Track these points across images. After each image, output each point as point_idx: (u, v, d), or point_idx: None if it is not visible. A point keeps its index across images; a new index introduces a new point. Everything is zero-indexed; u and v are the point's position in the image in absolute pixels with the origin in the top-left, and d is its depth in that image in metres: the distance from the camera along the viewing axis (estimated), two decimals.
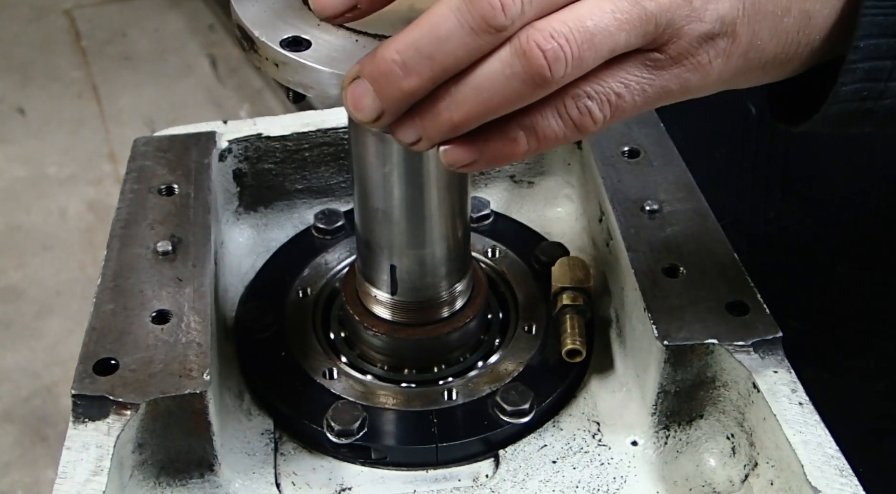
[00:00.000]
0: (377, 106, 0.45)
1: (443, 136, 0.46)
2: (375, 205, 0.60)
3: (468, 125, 0.45)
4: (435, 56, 0.43)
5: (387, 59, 0.44)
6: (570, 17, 0.42)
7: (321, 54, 0.49)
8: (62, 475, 0.53)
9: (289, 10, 0.52)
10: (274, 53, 0.49)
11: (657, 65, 0.45)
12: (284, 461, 0.64)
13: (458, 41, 0.43)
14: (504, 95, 0.44)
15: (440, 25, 0.43)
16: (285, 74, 0.50)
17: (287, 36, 0.50)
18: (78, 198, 2.81)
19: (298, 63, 0.49)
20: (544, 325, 0.69)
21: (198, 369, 0.57)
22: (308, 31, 0.50)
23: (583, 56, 0.43)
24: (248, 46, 0.51)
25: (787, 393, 0.57)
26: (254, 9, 0.52)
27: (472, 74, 0.44)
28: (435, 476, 0.63)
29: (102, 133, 2.98)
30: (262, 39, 0.50)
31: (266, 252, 0.77)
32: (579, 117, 0.45)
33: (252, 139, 0.77)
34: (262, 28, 0.50)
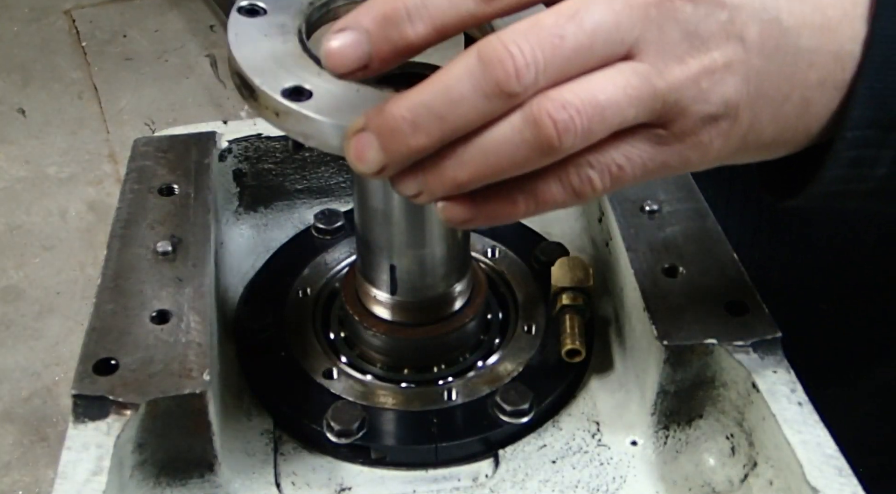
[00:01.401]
0: (381, 159, 0.45)
1: (444, 193, 0.46)
2: (375, 205, 0.60)
3: (471, 185, 0.45)
4: (446, 117, 0.43)
5: (396, 115, 0.44)
6: (582, 89, 0.43)
7: (323, 104, 0.48)
8: (62, 475, 0.53)
9: (288, 58, 0.51)
10: (274, 103, 0.48)
11: (660, 141, 0.45)
12: (284, 461, 0.64)
13: (471, 104, 0.43)
14: (511, 159, 0.44)
15: (453, 87, 0.43)
16: (286, 124, 0.49)
17: (288, 85, 0.49)
18: (78, 198, 2.81)
19: (300, 113, 0.48)
20: (544, 325, 0.69)
21: (198, 369, 0.57)
22: (308, 80, 0.49)
23: (592, 128, 0.43)
24: (248, 94, 0.50)
25: (787, 393, 0.57)
26: (253, 55, 0.51)
27: (481, 136, 0.44)
28: (434, 476, 0.63)
29: (102, 133, 2.98)
30: (262, 88, 0.49)
31: (266, 252, 0.77)
32: (580, 185, 0.45)
33: (252, 139, 0.77)
34: (262, 76, 0.49)
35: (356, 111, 0.46)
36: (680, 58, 0.44)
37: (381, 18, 0.45)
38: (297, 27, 0.53)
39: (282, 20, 0.53)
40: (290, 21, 0.54)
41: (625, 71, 0.43)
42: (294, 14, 0.54)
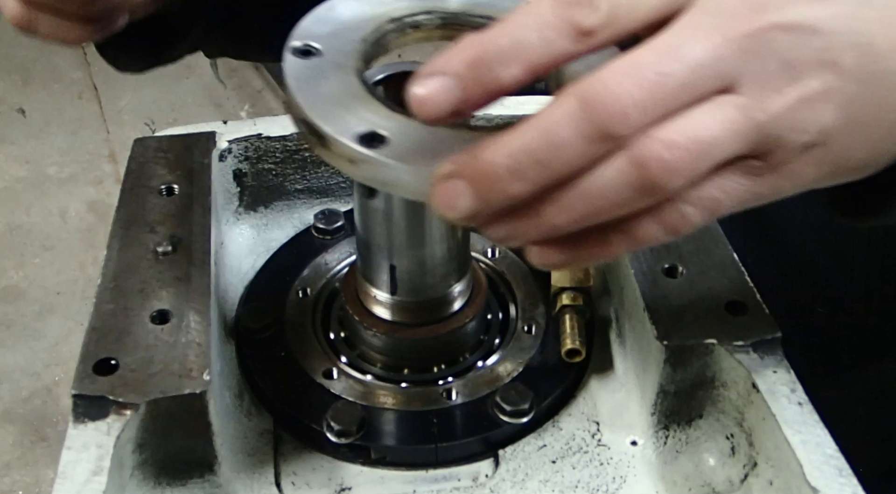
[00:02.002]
0: (473, 207, 0.43)
1: (539, 237, 0.45)
2: (375, 205, 0.60)
3: (568, 229, 0.44)
4: (548, 163, 0.42)
5: (494, 162, 0.42)
6: (685, 128, 0.42)
7: (401, 150, 0.46)
8: (62, 475, 0.53)
9: (354, 100, 0.49)
10: (350, 151, 0.46)
11: (756, 172, 0.45)
12: (284, 461, 0.64)
13: (574, 149, 0.41)
14: (613, 202, 0.43)
15: (555, 132, 0.41)
16: (362, 172, 0.46)
17: (361, 131, 0.46)
18: (78, 198, 2.81)
19: (379, 161, 0.45)
20: (544, 325, 0.69)
21: (198, 369, 0.57)
22: (380, 124, 0.47)
23: (697, 167, 0.42)
24: (316, 142, 0.47)
25: (787, 393, 0.57)
26: (317, 100, 0.48)
27: (583, 180, 0.42)
28: (434, 476, 0.63)
29: (102, 133, 2.98)
30: (335, 136, 0.46)
31: (266, 252, 0.77)
32: (678, 222, 0.44)
33: (252, 139, 0.77)
34: (332, 122, 0.47)
35: (437, 155, 0.44)
36: (777, 88, 0.43)
37: (472, 61, 0.43)
38: (355, 67, 0.51)
39: (338, 60, 0.51)
40: (346, 60, 0.51)
41: (724, 105, 0.42)
42: (349, 53, 0.52)
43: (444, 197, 0.43)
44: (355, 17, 0.54)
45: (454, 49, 0.44)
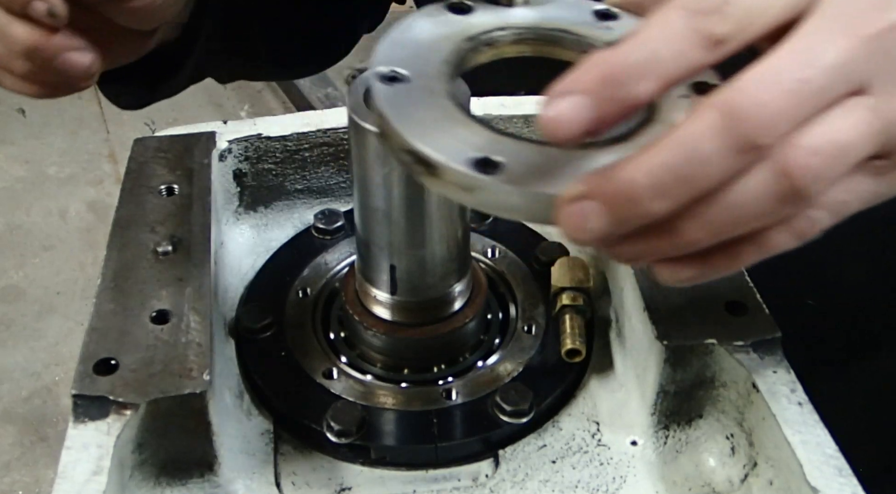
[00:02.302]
0: (607, 228, 0.42)
1: (675, 254, 0.44)
2: (375, 205, 0.60)
3: (706, 244, 0.44)
4: (693, 179, 0.41)
5: (632, 180, 0.41)
6: (824, 132, 0.41)
7: (517, 174, 0.44)
8: (62, 475, 0.53)
9: (457, 126, 0.47)
10: (466, 179, 0.44)
11: (880, 171, 0.44)
12: (284, 461, 0.64)
13: (718, 162, 0.40)
14: (755, 213, 0.42)
15: (697, 147, 0.40)
16: (479, 199, 0.45)
17: (474, 157, 0.45)
18: (78, 198, 2.81)
19: (499, 187, 0.44)
20: (544, 325, 0.69)
21: (198, 369, 0.57)
22: (490, 148, 0.46)
23: (836, 172, 0.42)
24: (424, 171, 0.46)
25: (787, 393, 0.57)
26: (416, 126, 0.47)
27: (725, 193, 0.42)
28: (435, 476, 0.63)
29: (102, 133, 2.98)
30: (448, 164, 0.44)
31: (266, 252, 0.77)
32: (808, 228, 0.44)
33: (252, 139, 0.77)
34: (442, 150, 0.45)
35: (556, 177, 0.44)
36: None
37: (605, 79, 0.42)
38: (446, 90, 0.49)
39: (428, 84, 0.50)
40: (436, 84, 0.50)
41: (857, 107, 0.42)
42: (436, 76, 0.50)
43: (575, 219, 0.42)
44: (431, 38, 0.53)
45: (583, 67, 0.43)
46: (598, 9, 0.56)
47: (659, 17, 0.43)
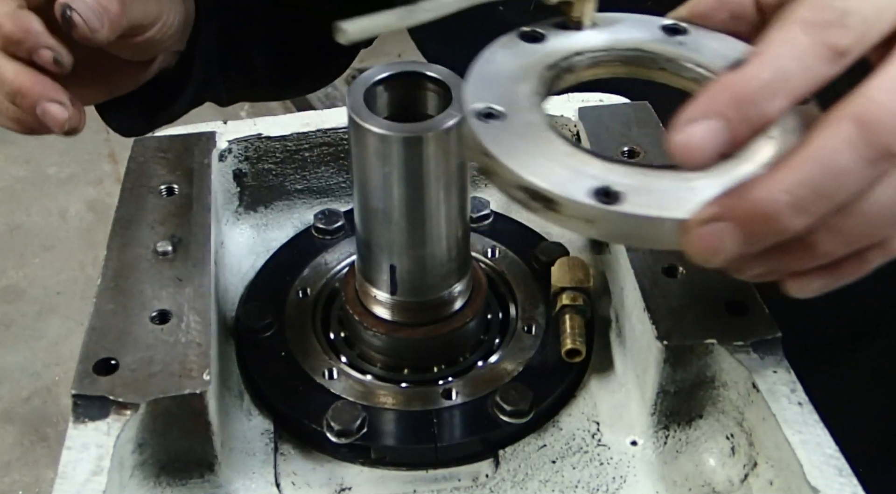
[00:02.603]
0: (739, 247, 0.43)
1: (808, 267, 0.44)
2: (375, 205, 0.60)
3: (840, 255, 0.44)
4: (831, 193, 0.41)
5: (771, 199, 0.41)
6: None
7: (637, 201, 0.45)
8: (62, 475, 0.53)
9: (566, 158, 0.47)
10: (587, 210, 0.45)
11: None
12: (284, 461, 0.64)
13: (856, 174, 0.41)
14: (890, 221, 0.43)
15: (835, 159, 0.41)
16: (602, 230, 0.45)
17: (594, 187, 0.45)
18: (78, 198, 2.82)
19: (621, 216, 0.44)
20: (544, 325, 0.69)
21: (198, 369, 0.57)
22: (603, 177, 0.46)
23: None
24: (543, 206, 0.46)
25: (787, 393, 0.57)
26: (526, 162, 0.47)
27: (859, 204, 0.42)
28: (435, 476, 0.63)
29: (102, 133, 2.97)
30: (569, 198, 0.45)
31: (266, 252, 0.77)
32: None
33: (252, 139, 0.77)
34: (557, 184, 0.45)
35: (675, 201, 0.44)
36: None
37: (736, 101, 0.42)
38: (545, 122, 0.50)
39: (525, 118, 0.50)
40: (532, 116, 0.50)
41: None
42: (530, 108, 0.51)
43: (707, 241, 0.43)
44: (514, 70, 0.53)
45: (712, 92, 0.43)
46: (666, 24, 0.57)
47: (781, 33, 0.43)
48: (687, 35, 0.56)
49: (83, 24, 0.67)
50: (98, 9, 0.69)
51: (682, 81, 0.56)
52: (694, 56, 0.55)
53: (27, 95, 0.67)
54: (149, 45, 0.77)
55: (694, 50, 0.55)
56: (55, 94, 0.68)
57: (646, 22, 0.57)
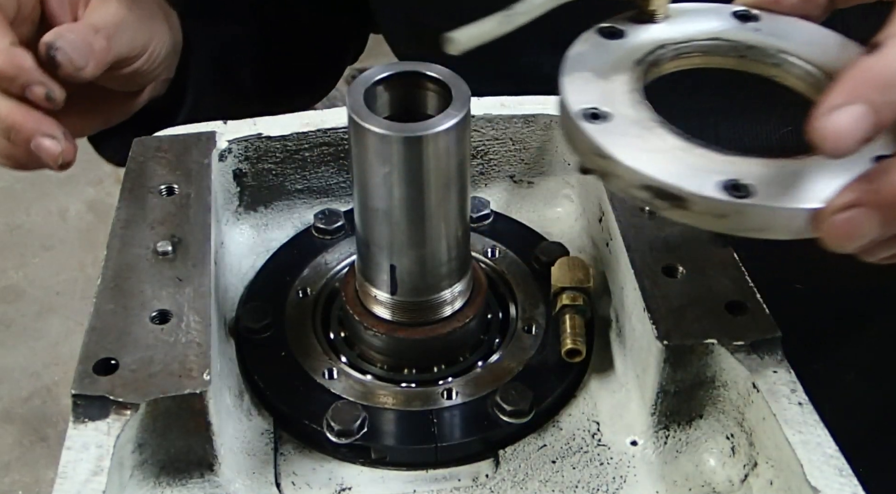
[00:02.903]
0: (877, 232, 0.43)
1: None
2: (375, 205, 0.60)
3: None
4: None
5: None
6: None
7: (768, 192, 0.45)
8: (62, 475, 0.53)
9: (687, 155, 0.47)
10: (719, 205, 0.45)
11: None
12: (284, 461, 0.64)
13: None
14: None
15: None
16: (734, 224, 0.45)
17: (723, 181, 0.45)
18: (78, 198, 2.82)
19: (753, 209, 0.45)
20: (544, 325, 0.69)
21: (198, 369, 0.57)
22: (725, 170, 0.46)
23: None
24: (670, 205, 0.46)
25: (787, 393, 0.57)
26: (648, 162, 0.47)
27: None
28: (435, 476, 0.63)
29: None
30: (699, 194, 0.45)
31: (266, 252, 0.77)
32: None
33: (252, 139, 0.77)
34: (686, 180, 0.45)
35: (804, 190, 0.45)
36: None
37: (882, 84, 0.43)
38: (652, 119, 0.50)
39: (632, 116, 0.50)
40: (639, 114, 0.50)
41: None
42: (632, 105, 0.51)
43: (845, 229, 0.43)
44: (605, 68, 0.53)
45: (853, 78, 0.43)
46: (737, 10, 0.57)
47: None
48: (760, 21, 0.56)
49: (68, 62, 0.68)
50: (82, 46, 0.69)
51: (764, 68, 0.56)
52: (773, 41, 0.55)
53: (21, 131, 0.68)
54: (138, 76, 0.77)
55: (771, 35, 0.55)
56: (49, 128, 0.69)
57: (717, 10, 0.57)
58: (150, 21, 0.79)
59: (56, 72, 0.69)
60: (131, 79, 0.77)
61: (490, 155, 0.80)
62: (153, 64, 0.78)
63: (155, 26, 0.80)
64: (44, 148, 0.68)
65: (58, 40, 0.68)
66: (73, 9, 0.74)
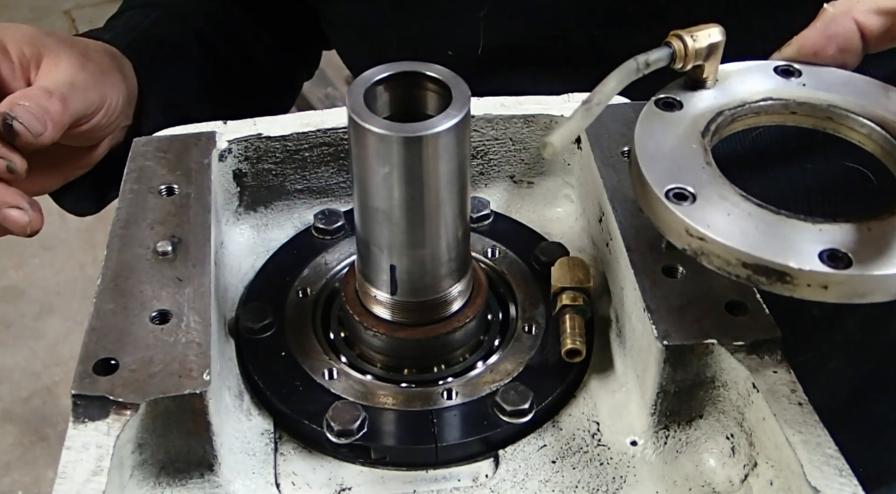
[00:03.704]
0: None
1: None
2: (375, 205, 0.60)
3: None
4: None
5: None
6: None
7: (865, 259, 0.46)
8: (62, 475, 0.53)
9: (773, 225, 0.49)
10: (823, 278, 0.46)
11: None
12: (284, 461, 0.64)
13: None
14: None
15: None
16: (839, 293, 0.47)
17: (823, 251, 0.47)
18: None
19: (856, 278, 0.46)
20: (544, 325, 0.69)
21: (198, 369, 0.57)
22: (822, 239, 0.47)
23: None
24: (772, 281, 0.48)
25: (787, 393, 0.57)
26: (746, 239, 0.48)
27: None
28: (435, 476, 0.63)
29: None
30: (805, 269, 0.46)
31: (266, 252, 0.77)
32: None
33: (252, 139, 0.77)
34: (789, 256, 0.47)
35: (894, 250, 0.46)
36: None
37: None
38: (737, 193, 0.51)
39: (717, 192, 0.51)
40: (723, 190, 0.52)
41: None
42: (712, 181, 0.52)
43: None
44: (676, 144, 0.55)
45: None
46: (779, 66, 0.59)
47: None
48: (802, 76, 0.58)
49: (26, 131, 0.68)
50: (38, 112, 0.70)
51: (817, 121, 0.58)
52: (822, 96, 0.58)
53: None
54: (96, 131, 0.78)
55: (818, 89, 0.58)
56: (14, 199, 0.69)
57: (761, 68, 0.59)
58: (103, 76, 0.79)
59: (14, 141, 0.69)
60: (90, 134, 0.78)
61: (490, 155, 0.80)
62: (111, 117, 0.79)
63: (109, 80, 0.80)
64: (11, 219, 0.69)
65: (13, 109, 0.69)
66: (25, 74, 0.75)
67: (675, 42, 0.55)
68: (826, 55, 0.58)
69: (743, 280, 0.49)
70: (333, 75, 2.93)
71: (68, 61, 0.75)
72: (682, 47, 0.55)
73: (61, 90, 0.73)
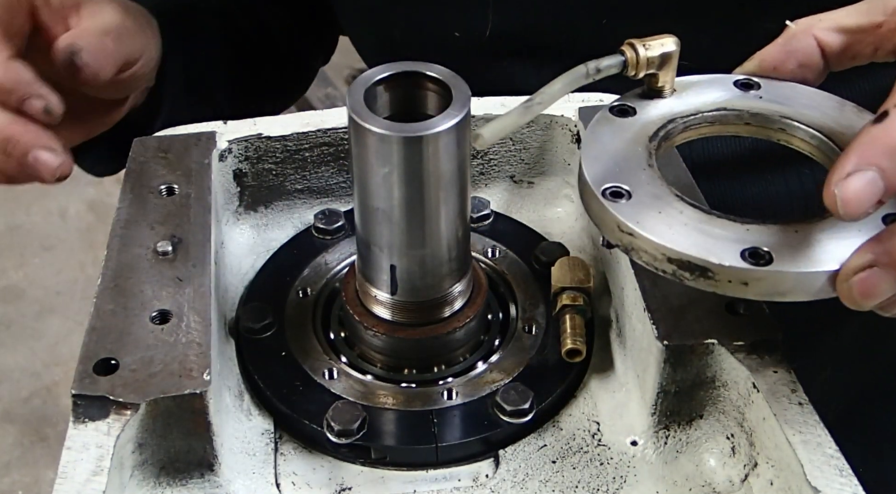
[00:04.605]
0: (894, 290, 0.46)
1: None
2: (375, 205, 0.60)
3: None
4: None
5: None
6: None
7: (786, 257, 0.48)
8: (62, 475, 0.53)
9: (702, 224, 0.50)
10: (743, 274, 0.48)
11: None
12: (284, 461, 0.64)
13: None
14: None
15: None
16: (758, 290, 0.48)
17: (745, 250, 0.48)
18: (78, 198, 2.82)
19: (775, 275, 0.47)
20: (544, 325, 0.69)
21: (198, 369, 0.57)
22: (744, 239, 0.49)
23: None
24: (696, 276, 0.49)
25: (787, 393, 0.57)
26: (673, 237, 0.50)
27: None
28: (435, 476, 0.63)
29: None
30: (724, 264, 0.48)
31: (266, 252, 0.77)
32: None
33: (252, 139, 0.77)
34: (710, 252, 0.48)
35: (819, 253, 0.47)
36: None
37: (892, 151, 0.46)
38: (672, 193, 0.53)
39: (650, 192, 0.53)
40: (658, 190, 0.53)
41: None
42: (650, 182, 0.53)
43: (863, 288, 0.46)
44: (621, 147, 0.56)
45: (864, 145, 0.46)
46: (738, 79, 0.60)
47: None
48: (761, 89, 0.59)
49: (88, 67, 0.68)
50: (99, 48, 0.69)
51: (770, 133, 0.59)
52: (776, 108, 0.58)
53: (18, 143, 0.67)
54: (133, 81, 0.78)
55: (773, 102, 0.58)
56: (47, 141, 0.68)
57: (720, 81, 0.60)
58: (142, 27, 0.80)
59: (76, 76, 0.68)
60: (127, 84, 0.77)
61: (490, 155, 0.80)
62: (148, 68, 0.79)
63: (148, 30, 0.80)
64: (42, 161, 0.68)
65: (75, 44, 0.68)
66: (65, 20, 0.75)
67: (628, 50, 0.56)
68: (786, 70, 0.58)
69: (669, 276, 0.50)
70: (333, 75, 2.93)
71: (111, 7, 0.75)
72: (635, 56, 0.56)
73: (112, 32, 0.72)
